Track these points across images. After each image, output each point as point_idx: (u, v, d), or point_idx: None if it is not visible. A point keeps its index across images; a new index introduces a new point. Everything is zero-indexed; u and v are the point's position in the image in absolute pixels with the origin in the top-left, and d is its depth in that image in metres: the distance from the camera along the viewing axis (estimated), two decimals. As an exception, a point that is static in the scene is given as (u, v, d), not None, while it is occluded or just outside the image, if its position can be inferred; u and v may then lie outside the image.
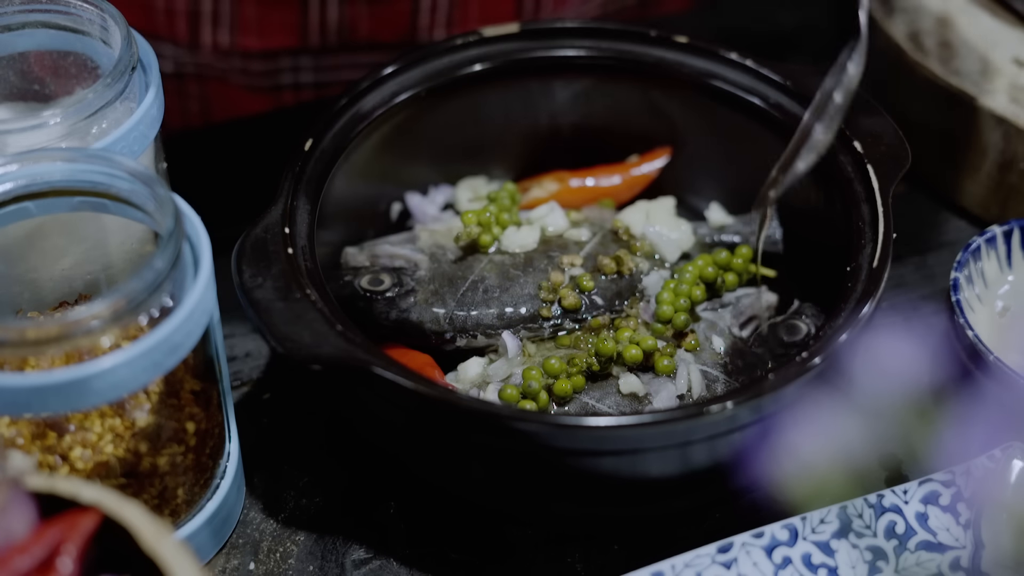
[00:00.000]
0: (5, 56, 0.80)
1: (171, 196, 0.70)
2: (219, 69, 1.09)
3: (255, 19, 1.03)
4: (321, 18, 1.03)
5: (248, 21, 1.01)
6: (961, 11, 1.05)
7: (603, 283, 0.86)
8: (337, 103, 0.87)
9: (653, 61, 0.93)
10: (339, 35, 1.05)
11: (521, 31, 0.93)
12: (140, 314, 0.67)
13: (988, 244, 0.88)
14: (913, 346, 0.71)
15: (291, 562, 0.79)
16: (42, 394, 0.65)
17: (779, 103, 0.90)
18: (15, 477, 0.58)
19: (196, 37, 1.05)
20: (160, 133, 0.80)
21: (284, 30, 1.05)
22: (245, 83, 1.10)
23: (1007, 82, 0.99)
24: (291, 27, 1.04)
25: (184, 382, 0.73)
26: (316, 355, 0.72)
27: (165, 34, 1.05)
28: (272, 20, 1.04)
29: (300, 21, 1.04)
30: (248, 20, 1.01)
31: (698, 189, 0.96)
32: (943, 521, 0.74)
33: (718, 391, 0.82)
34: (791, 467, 0.70)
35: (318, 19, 1.03)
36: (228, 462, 0.78)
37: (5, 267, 0.78)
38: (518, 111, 0.95)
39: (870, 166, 0.84)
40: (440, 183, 0.96)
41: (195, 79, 1.11)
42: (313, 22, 1.04)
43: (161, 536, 0.58)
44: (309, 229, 0.81)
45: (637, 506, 0.79)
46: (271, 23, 1.04)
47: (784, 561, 0.72)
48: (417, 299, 0.86)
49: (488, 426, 0.72)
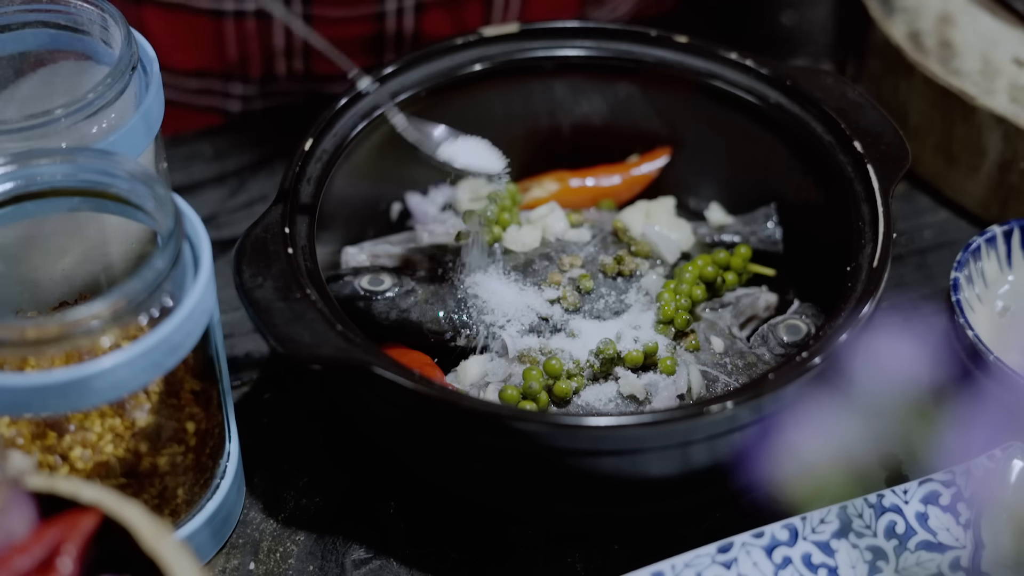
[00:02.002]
0: (5, 56, 0.80)
1: (171, 196, 0.70)
2: (291, 96, 1.08)
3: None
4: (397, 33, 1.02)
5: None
6: (961, 11, 1.05)
7: (603, 283, 0.86)
8: (337, 103, 0.87)
9: (653, 61, 0.93)
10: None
11: (521, 31, 0.93)
12: (140, 314, 0.67)
13: (988, 244, 0.88)
14: (913, 346, 0.71)
15: (291, 562, 0.79)
16: (42, 394, 0.65)
17: (779, 103, 0.90)
18: (15, 477, 0.58)
19: (271, 68, 1.04)
20: (160, 133, 0.80)
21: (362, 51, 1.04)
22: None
23: (1007, 82, 0.99)
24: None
25: (184, 382, 0.73)
26: (316, 355, 0.72)
27: (237, 71, 1.05)
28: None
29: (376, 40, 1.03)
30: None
31: (698, 189, 0.96)
32: (943, 521, 0.74)
33: (718, 391, 0.81)
34: (791, 467, 0.70)
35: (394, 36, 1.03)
36: (228, 462, 0.78)
37: (5, 267, 0.78)
38: (518, 111, 0.95)
39: (870, 166, 0.84)
40: (440, 183, 0.96)
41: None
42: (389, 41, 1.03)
43: (161, 536, 0.58)
44: (309, 229, 0.81)
45: (637, 506, 0.79)
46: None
47: (784, 561, 0.72)
48: (417, 299, 0.86)
49: (488, 426, 0.72)
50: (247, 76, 1.05)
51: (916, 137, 1.03)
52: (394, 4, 1.00)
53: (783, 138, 0.90)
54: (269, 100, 1.08)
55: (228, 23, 1.01)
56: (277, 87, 1.06)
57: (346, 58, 0.81)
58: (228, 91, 1.06)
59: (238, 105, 1.07)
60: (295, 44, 1.03)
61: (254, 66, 1.04)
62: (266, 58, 1.03)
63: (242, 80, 1.05)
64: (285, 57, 1.04)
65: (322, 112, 0.87)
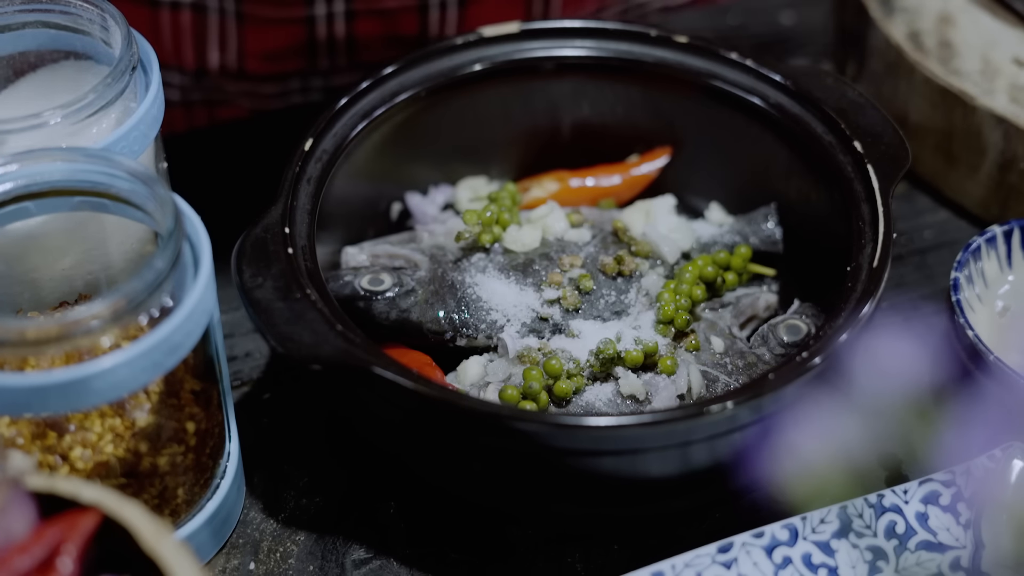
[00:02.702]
0: (5, 56, 0.80)
1: (171, 196, 0.70)
2: (227, 93, 1.09)
3: (261, 43, 1.03)
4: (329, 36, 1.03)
5: (254, 46, 1.01)
6: (961, 11, 1.05)
7: (603, 283, 0.86)
8: (337, 103, 0.87)
9: (653, 61, 0.93)
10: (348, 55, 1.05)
11: (521, 31, 0.93)
12: (140, 314, 0.67)
13: (988, 244, 0.88)
14: (913, 346, 0.71)
15: (291, 562, 0.79)
16: (42, 394, 0.65)
17: (779, 103, 0.90)
18: (15, 477, 0.58)
19: (204, 61, 1.05)
20: (160, 133, 0.80)
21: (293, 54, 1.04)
22: (254, 106, 1.10)
23: (1007, 82, 0.99)
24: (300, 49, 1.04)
25: (184, 382, 0.73)
26: (316, 355, 0.72)
27: (172, 61, 1.05)
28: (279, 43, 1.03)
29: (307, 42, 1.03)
30: (254, 45, 1.01)
31: (698, 189, 0.96)
32: (943, 521, 0.74)
33: (718, 391, 0.81)
34: (791, 467, 0.70)
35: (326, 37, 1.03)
36: (228, 462, 0.78)
37: (5, 267, 0.78)
38: (518, 111, 0.95)
39: (870, 166, 0.84)
40: (440, 183, 0.96)
41: (204, 105, 1.11)
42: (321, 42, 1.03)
43: (161, 536, 0.58)
44: (309, 229, 0.81)
45: (637, 506, 0.79)
46: (279, 47, 1.03)
47: (784, 561, 0.72)
48: (417, 299, 0.86)
49: (488, 426, 0.72)
50: (182, 68, 1.05)
51: (916, 137, 1.03)
52: (324, 8, 1.01)
53: (783, 138, 0.90)
54: (206, 93, 1.08)
55: (164, 14, 1.01)
56: (211, 81, 1.07)
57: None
58: (167, 80, 1.06)
59: (177, 95, 1.08)
60: (228, 41, 1.03)
61: (187, 58, 1.05)
62: (199, 52, 1.04)
63: (178, 71, 1.06)
64: (219, 52, 1.04)
65: (322, 112, 0.87)
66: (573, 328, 0.84)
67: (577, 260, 0.87)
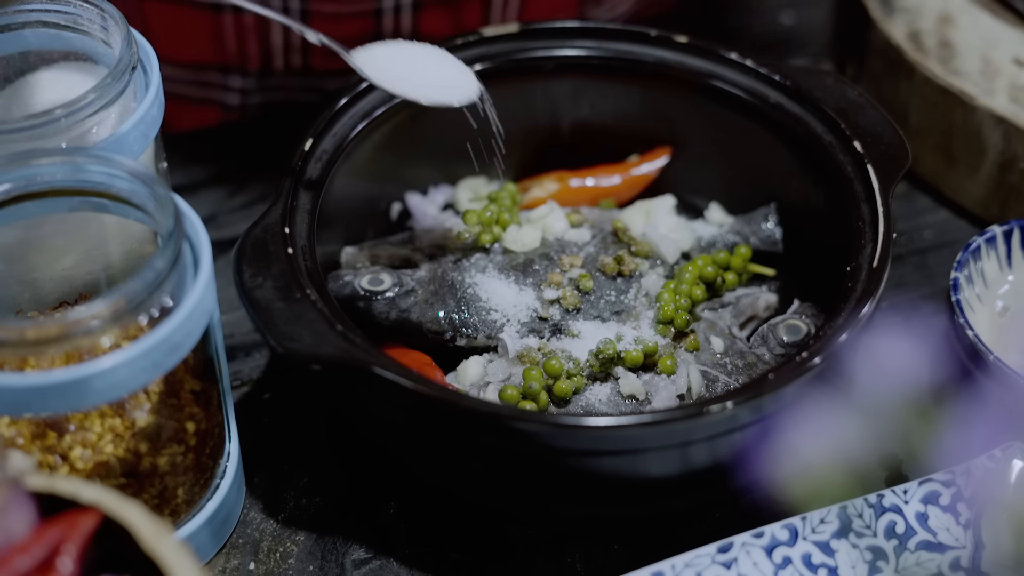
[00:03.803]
0: (5, 56, 0.80)
1: (171, 196, 0.70)
2: (291, 91, 1.08)
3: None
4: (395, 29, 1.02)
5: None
6: (961, 11, 1.05)
7: (603, 283, 0.86)
8: (337, 103, 0.87)
9: (653, 61, 0.93)
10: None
11: (521, 31, 0.93)
12: (140, 314, 0.67)
13: (988, 244, 0.88)
14: (913, 346, 0.71)
15: (291, 562, 0.79)
16: (42, 394, 0.65)
17: (779, 103, 0.90)
18: (15, 477, 0.58)
19: (268, 62, 1.04)
20: (160, 133, 0.80)
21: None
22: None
23: (1007, 82, 0.99)
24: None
25: (184, 382, 0.73)
26: (316, 355, 0.72)
27: (235, 63, 1.05)
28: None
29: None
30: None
31: (698, 189, 0.96)
32: (943, 521, 0.74)
33: (718, 391, 0.81)
34: (791, 467, 0.70)
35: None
36: (228, 462, 0.78)
37: (5, 267, 0.78)
38: (518, 111, 0.95)
39: (870, 166, 0.84)
40: (440, 183, 0.96)
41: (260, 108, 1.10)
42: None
43: (161, 536, 0.58)
44: (309, 229, 0.81)
45: (637, 506, 0.79)
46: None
47: (784, 561, 0.72)
48: (417, 299, 0.86)
49: (488, 426, 0.72)
50: (245, 70, 1.05)
51: (916, 137, 1.03)
52: (391, 1, 1.00)
53: (783, 138, 0.90)
54: (268, 95, 1.08)
55: (227, 17, 1.01)
56: (275, 82, 1.06)
57: (340, 44, 0.81)
58: (227, 84, 1.06)
59: (236, 98, 1.07)
60: (293, 40, 1.03)
61: (252, 60, 1.04)
62: (264, 53, 1.04)
63: (240, 74, 1.05)
64: (283, 52, 1.04)
65: (322, 112, 0.87)
66: (573, 328, 0.84)
67: (577, 260, 0.87)
